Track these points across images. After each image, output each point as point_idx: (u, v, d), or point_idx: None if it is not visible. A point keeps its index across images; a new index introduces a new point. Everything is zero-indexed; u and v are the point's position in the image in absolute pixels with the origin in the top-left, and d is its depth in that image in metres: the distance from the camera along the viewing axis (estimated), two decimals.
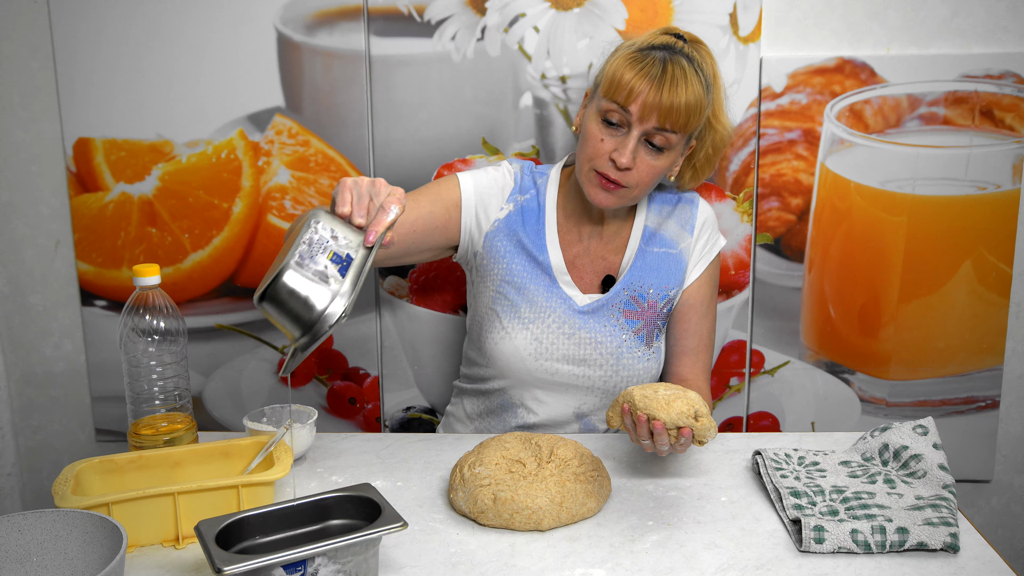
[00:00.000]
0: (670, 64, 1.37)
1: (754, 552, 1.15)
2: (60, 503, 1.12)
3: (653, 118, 1.37)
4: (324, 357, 1.85)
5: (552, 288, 1.49)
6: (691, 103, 1.37)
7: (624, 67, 1.38)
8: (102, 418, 1.90)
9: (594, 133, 1.41)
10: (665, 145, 1.40)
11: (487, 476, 1.24)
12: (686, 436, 1.18)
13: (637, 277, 1.51)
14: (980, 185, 1.74)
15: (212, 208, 1.79)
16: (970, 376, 1.83)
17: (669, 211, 1.55)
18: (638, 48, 1.40)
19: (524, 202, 1.52)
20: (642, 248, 1.52)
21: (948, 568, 1.11)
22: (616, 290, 1.50)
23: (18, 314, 1.88)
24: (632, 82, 1.36)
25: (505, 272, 1.49)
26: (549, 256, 1.50)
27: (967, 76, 1.71)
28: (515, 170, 1.55)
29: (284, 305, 1.03)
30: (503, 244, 1.50)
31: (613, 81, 1.38)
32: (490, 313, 1.50)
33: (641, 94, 1.36)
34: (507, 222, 1.51)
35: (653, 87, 1.36)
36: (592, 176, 1.42)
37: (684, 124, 1.38)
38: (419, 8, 1.71)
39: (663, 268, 1.52)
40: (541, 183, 1.54)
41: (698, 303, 1.55)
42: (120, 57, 1.74)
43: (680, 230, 1.54)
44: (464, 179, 1.51)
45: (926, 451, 1.29)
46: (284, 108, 1.75)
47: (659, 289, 1.51)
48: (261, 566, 0.98)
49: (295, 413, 1.45)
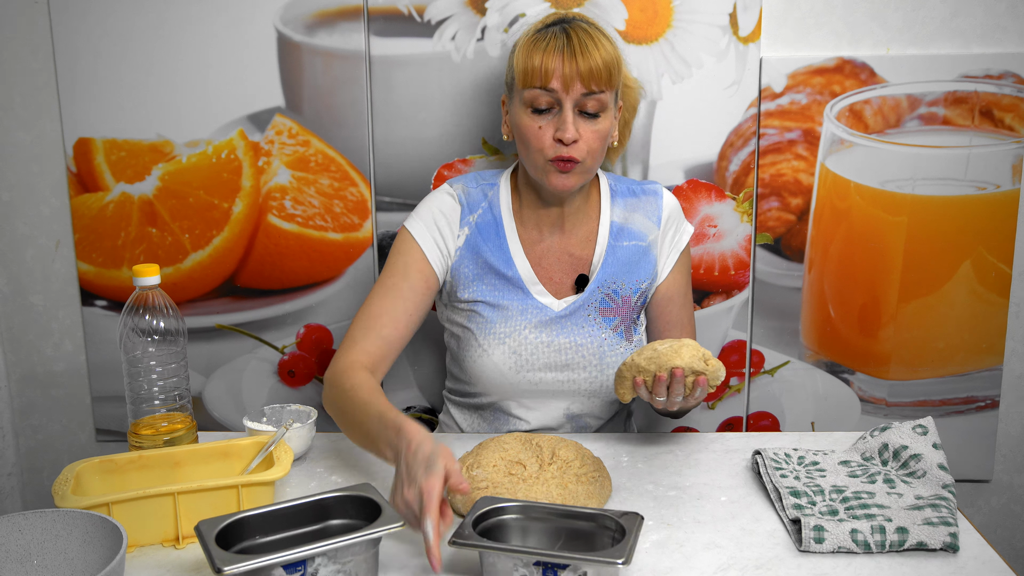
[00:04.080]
0: (571, 32, 1.39)
1: (754, 552, 1.15)
2: (60, 503, 1.12)
3: (578, 85, 1.38)
4: (324, 357, 1.85)
5: (526, 300, 1.48)
6: (607, 58, 1.38)
7: (530, 53, 1.39)
8: (102, 418, 1.90)
9: (529, 126, 1.41)
10: (599, 108, 1.41)
11: (484, 479, 1.24)
12: (701, 386, 1.25)
13: (610, 274, 1.50)
14: (980, 185, 1.74)
15: (212, 208, 1.79)
16: (970, 376, 1.83)
17: (634, 203, 1.54)
18: (535, 32, 1.42)
19: (478, 220, 1.51)
20: (612, 244, 1.51)
21: (948, 568, 1.12)
22: (591, 289, 1.49)
23: (18, 314, 1.88)
24: (544, 62, 1.38)
25: (476, 293, 1.48)
26: (517, 268, 1.49)
27: (967, 76, 1.71)
28: (457, 192, 1.52)
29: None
30: (469, 268, 1.49)
31: (526, 70, 1.39)
32: (465, 332, 1.49)
33: (557, 68, 1.37)
34: (467, 247, 1.49)
35: (566, 58, 1.37)
36: (548, 166, 1.42)
37: (609, 79, 1.39)
38: (419, 8, 1.71)
39: (634, 262, 1.51)
40: (492, 195, 1.52)
41: (676, 294, 1.55)
42: (120, 57, 1.74)
43: (647, 222, 1.53)
44: (415, 230, 1.49)
45: (926, 451, 1.29)
46: (284, 108, 1.75)
47: (632, 284, 1.51)
48: (261, 566, 0.98)
49: (295, 413, 1.45)
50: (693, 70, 1.71)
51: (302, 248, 1.80)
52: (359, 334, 1.43)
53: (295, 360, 1.86)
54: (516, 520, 1.13)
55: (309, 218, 1.79)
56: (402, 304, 1.46)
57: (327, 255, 1.81)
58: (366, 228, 1.80)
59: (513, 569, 1.04)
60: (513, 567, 1.04)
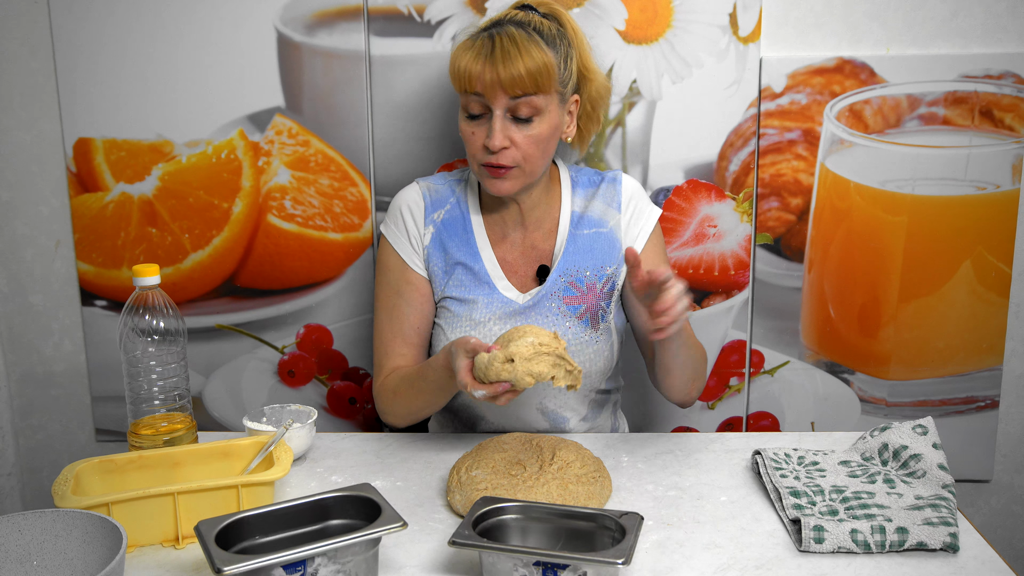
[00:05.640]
0: (498, 37, 1.38)
1: (754, 552, 1.15)
2: (60, 503, 1.12)
3: (501, 93, 1.37)
4: (324, 357, 1.85)
5: (492, 294, 1.48)
6: (531, 66, 1.36)
7: (459, 57, 1.40)
8: (102, 418, 1.90)
9: (465, 131, 1.43)
10: (533, 113, 1.40)
11: (483, 480, 1.23)
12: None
13: (571, 262, 1.50)
14: (980, 185, 1.74)
15: (212, 208, 1.79)
16: (970, 376, 1.83)
17: (593, 192, 1.54)
18: (468, 35, 1.42)
19: (444, 217, 1.52)
20: (572, 232, 1.51)
21: (948, 568, 1.12)
22: (552, 279, 1.49)
23: (18, 314, 1.88)
24: (469, 67, 1.38)
25: (445, 288, 1.50)
26: (483, 262, 1.49)
27: (967, 76, 1.71)
28: (423, 189, 1.54)
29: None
30: (438, 264, 1.50)
31: (455, 74, 1.40)
32: (436, 328, 1.51)
33: (480, 75, 1.37)
34: (434, 243, 1.51)
35: (488, 64, 1.37)
36: (483, 171, 1.43)
37: (536, 86, 1.38)
38: (419, 8, 1.71)
39: (595, 248, 1.51)
40: (460, 191, 1.54)
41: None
42: (120, 57, 1.74)
43: (607, 208, 1.53)
44: (392, 237, 1.53)
45: (925, 451, 1.29)
46: (284, 108, 1.75)
47: (595, 270, 1.50)
48: (261, 566, 0.98)
49: (295, 413, 1.45)
50: (693, 70, 1.71)
51: (302, 248, 1.80)
52: (383, 360, 1.51)
53: (295, 360, 1.86)
54: (516, 520, 1.13)
55: (309, 218, 1.79)
56: (406, 321, 1.51)
57: (327, 255, 1.81)
58: (366, 228, 1.80)
59: (513, 569, 1.04)
60: (513, 567, 1.04)
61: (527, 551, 1.04)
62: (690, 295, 1.27)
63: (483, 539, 1.07)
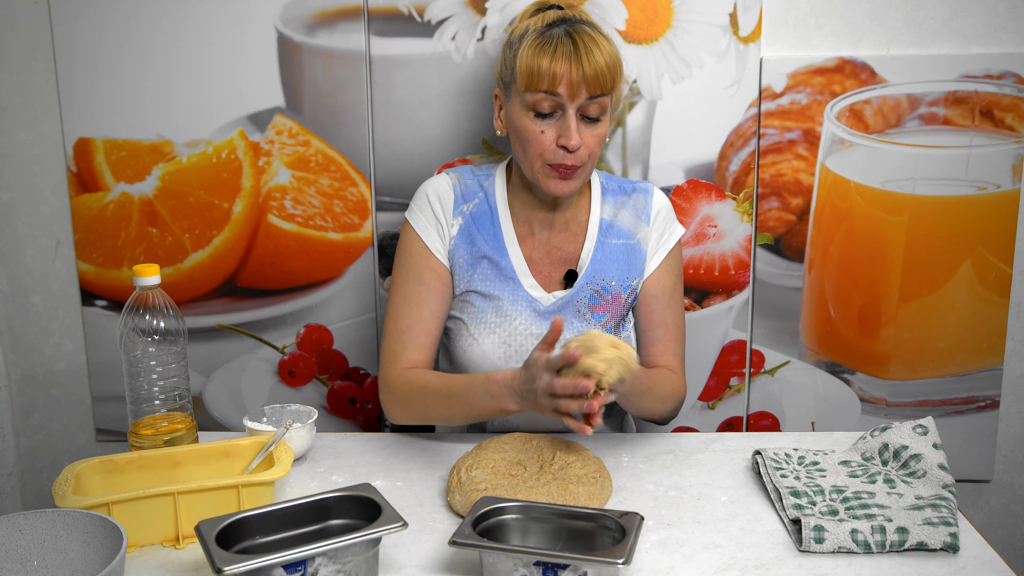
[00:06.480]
0: (576, 36, 1.38)
1: (754, 552, 1.15)
2: (60, 503, 1.12)
3: (583, 92, 1.37)
4: (324, 357, 1.85)
5: (517, 291, 1.48)
6: (610, 62, 1.37)
7: (536, 56, 1.38)
8: (102, 418, 1.90)
9: (531, 129, 1.40)
10: (601, 113, 1.41)
11: (483, 480, 1.23)
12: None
13: (599, 271, 1.50)
14: (980, 185, 1.74)
15: (212, 208, 1.79)
16: (970, 376, 1.83)
17: (623, 201, 1.54)
18: (539, 33, 1.40)
19: (473, 210, 1.51)
20: (600, 240, 1.51)
21: (948, 568, 1.12)
22: (579, 285, 1.49)
23: (18, 314, 1.88)
24: (552, 67, 1.36)
25: (469, 282, 1.49)
26: (510, 258, 1.49)
27: (967, 76, 1.71)
28: (452, 180, 1.53)
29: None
30: (464, 256, 1.50)
31: (532, 74, 1.38)
32: (456, 323, 1.50)
33: (565, 74, 1.36)
34: (462, 235, 1.50)
35: (573, 64, 1.36)
36: (547, 170, 1.42)
37: (612, 84, 1.39)
38: (419, 8, 1.71)
39: (623, 259, 1.51)
40: (488, 185, 1.53)
41: (659, 293, 1.53)
42: (121, 57, 1.74)
43: (636, 220, 1.53)
44: (418, 224, 1.50)
45: (926, 451, 1.29)
46: (284, 108, 1.75)
47: (621, 281, 1.50)
48: (261, 566, 0.98)
49: (295, 413, 1.45)
50: (693, 70, 1.71)
51: (302, 248, 1.80)
52: (398, 347, 1.47)
53: (295, 360, 1.86)
54: (516, 520, 1.13)
55: (309, 218, 1.79)
56: (427, 310, 1.48)
57: (327, 255, 1.81)
58: (366, 228, 1.80)
59: (513, 569, 1.04)
60: (513, 567, 1.04)
61: (527, 551, 1.04)
62: (690, 296, 1.28)
63: (483, 539, 1.07)
